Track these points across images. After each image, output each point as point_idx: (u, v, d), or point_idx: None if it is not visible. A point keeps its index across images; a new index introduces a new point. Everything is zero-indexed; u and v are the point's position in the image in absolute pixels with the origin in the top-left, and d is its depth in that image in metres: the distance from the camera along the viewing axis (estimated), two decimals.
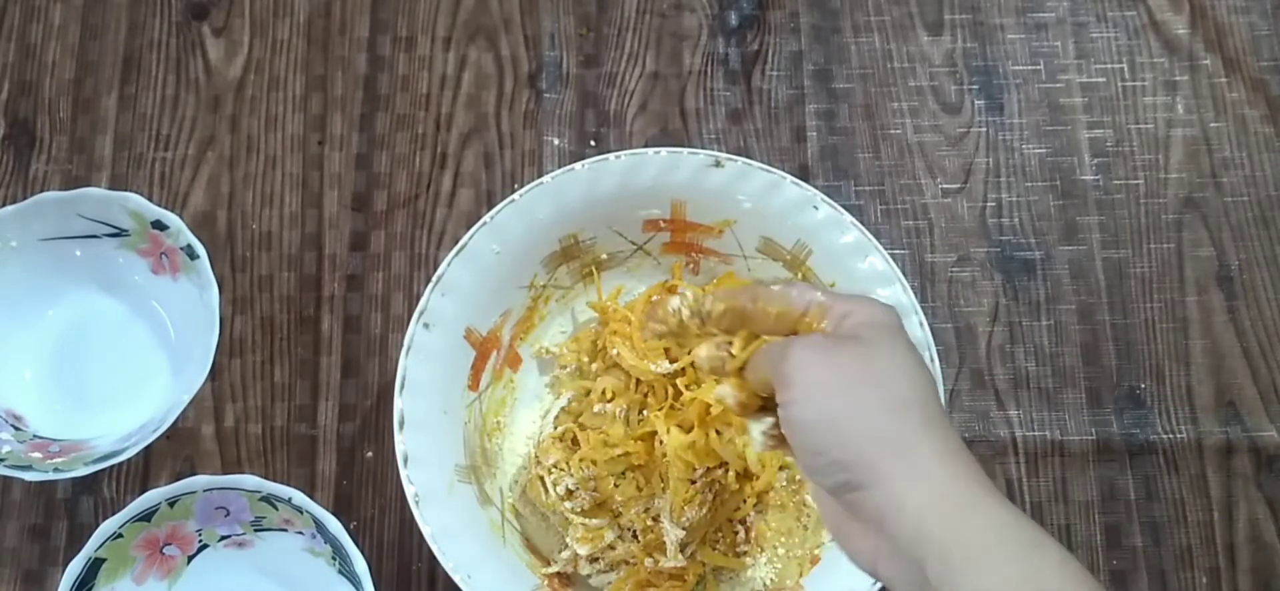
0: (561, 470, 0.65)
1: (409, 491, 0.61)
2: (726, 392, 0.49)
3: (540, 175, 0.69)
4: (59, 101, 0.80)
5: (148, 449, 0.69)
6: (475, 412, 0.68)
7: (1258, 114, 0.80)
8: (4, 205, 0.70)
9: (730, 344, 0.50)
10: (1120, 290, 0.76)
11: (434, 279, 0.65)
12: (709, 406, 0.64)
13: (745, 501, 0.65)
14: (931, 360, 0.64)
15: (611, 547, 0.65)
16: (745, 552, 0.66)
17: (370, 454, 0.72)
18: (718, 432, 0.65)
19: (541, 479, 0.66)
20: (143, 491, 0.64)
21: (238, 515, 0.67)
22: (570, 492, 0.65)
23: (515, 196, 0.67)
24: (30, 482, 0.70)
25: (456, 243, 0.66)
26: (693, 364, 0.66)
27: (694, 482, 0.64)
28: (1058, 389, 0.74)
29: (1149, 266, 0.76)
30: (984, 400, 0.74)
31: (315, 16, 0.82)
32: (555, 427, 0.68)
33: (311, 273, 0.76)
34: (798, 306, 0.49)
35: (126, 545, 0.65)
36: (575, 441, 0.66)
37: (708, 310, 0.50)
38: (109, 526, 0.63)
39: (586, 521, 0.65)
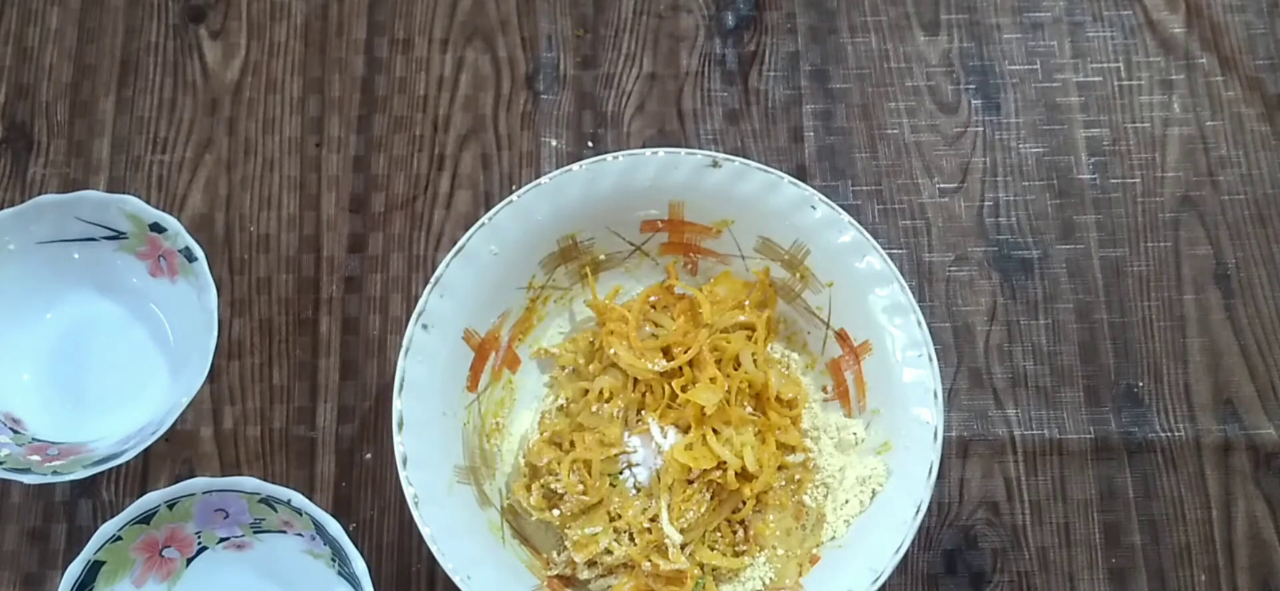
0: (552, 472, 0.65)
1: (408, 492, 0.61)
2: None
3: (538, 176, 0.69)
4: (56, 105, 0.80)
5: (146, 451, 0.68)
6: (474, 413, 0.68)
7: (1254, 112, 0.80)
8: (2, 208, 0.70)
9: None
10: (1118, 289, 0.76)
11: (432, 280, 0.65)
12: (705, 408, 0.64)
13: (744, 502, 0.65)
14: (929, 359, 0.64)
15: (608, 552, 0.64)
16: (744, 552, 0.66)
17: (369, 455, 0.72)
18: (715, 432, 0.65)
19: (526, 487, 0.66)
20: (142, 494, 0.64)
21: (237, 517, 0.66)
22: (558, 496, 0.65)
23: (513, 197, 0.67)
24: (29, 485, 0.70)
25: (455, 244, 0.66)
26: (690, 364, 0.67)
27: (692, 483, 0.64)
28: (1056, 387, 0.74)
29: (1146, 265, 0.77)
30: (982, 399, 0.74)
31: (312, 19, 0.82)
32: (541, 433, 0.68)
33: (310, 275, 0.76)
34: None
35: (125, 547, 0.65)
36: (567, 444, 0.66)
37: None
38: (108, 529, 0.63)
39: (576, 530, 0.64)
